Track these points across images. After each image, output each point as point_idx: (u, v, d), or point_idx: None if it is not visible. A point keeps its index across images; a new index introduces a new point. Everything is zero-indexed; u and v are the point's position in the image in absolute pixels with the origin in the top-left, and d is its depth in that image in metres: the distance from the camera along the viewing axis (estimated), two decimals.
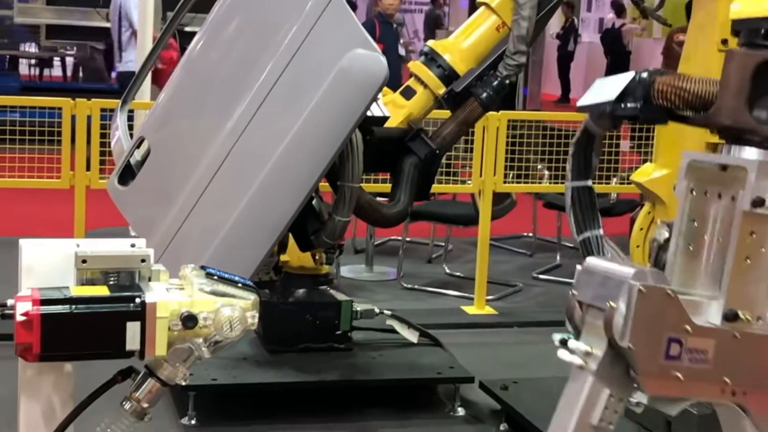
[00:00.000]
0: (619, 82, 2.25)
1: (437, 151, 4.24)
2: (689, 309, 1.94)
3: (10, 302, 1.94)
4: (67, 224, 5.34)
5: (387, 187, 4.42)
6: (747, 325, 1.96)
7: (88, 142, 5.30)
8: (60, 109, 5.29)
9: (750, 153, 1.98)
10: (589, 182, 2.50)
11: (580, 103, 2.45)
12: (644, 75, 2.18)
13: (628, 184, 5.04)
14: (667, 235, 2.49)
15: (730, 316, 1.94)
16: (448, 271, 6.60)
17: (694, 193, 2.07)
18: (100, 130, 5.23)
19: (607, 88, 2.30)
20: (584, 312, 1.97)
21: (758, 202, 1.90)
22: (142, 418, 2.01)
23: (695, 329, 1.93)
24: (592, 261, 2.00)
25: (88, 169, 5.30)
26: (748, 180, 1.91)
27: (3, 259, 3.17)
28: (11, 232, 6.28)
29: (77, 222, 5.32)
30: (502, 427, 4.18)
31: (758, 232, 1.94)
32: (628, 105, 2.19)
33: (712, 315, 1.97)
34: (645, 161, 4.85)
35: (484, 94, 4.21)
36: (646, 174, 3.91)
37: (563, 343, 1.95)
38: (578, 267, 2.01)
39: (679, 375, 1.91)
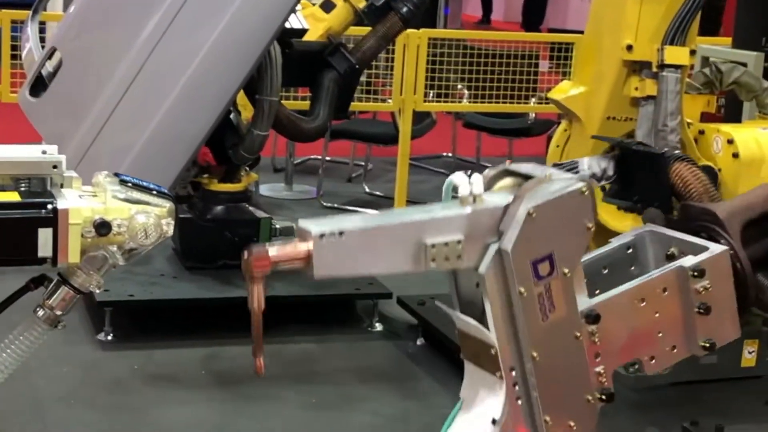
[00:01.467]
0: None
1: (357, 66, 4.21)
2: (578, 274, 1.80)
3: None
4: None
5: (307, 105, 4.37)
6: (589, 338, 1.81)
7: None
8: None
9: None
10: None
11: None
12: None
13: (547, 103, 5.07)
14: (591, 170, 2.52)
15: (591, 317, 1.80)
16: (368, 190, 6.61)
17: (629, 251, 2.00)
18: (11, 42, 5.08)
19: None
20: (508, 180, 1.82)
21: (698, 271, 1.89)
22: (56, 326, 1.99)
23: (568, 282, 1.76)
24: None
25: None
26: (705, 253, 1.92)
27: None
28: None
29: None
30: (418, 342, 4.24)
31: (669, 292, 1.88)
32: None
33: (580, 302, 1.82)
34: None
35: (405, 8, 4.18)
36: (564, 91, 3.94)
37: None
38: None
39: (522, 291, 1.71)
